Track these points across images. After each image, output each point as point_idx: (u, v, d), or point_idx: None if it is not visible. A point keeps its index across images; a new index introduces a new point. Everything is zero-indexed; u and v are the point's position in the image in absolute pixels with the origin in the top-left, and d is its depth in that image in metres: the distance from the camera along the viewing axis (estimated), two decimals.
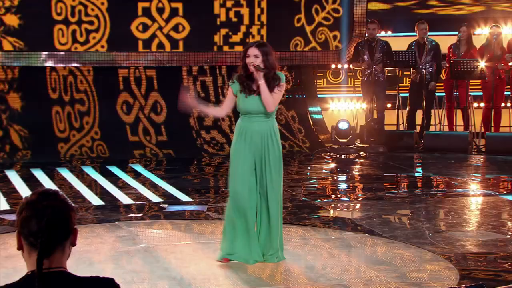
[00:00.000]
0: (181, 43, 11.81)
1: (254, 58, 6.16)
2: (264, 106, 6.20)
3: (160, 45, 11.73)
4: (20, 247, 2.59)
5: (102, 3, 11.42)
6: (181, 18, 11.75)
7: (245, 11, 12.01)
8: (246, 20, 12.04)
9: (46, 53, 11.38)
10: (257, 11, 12.03)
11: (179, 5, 11.72)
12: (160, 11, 11.65)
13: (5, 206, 8.55)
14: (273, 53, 6.27)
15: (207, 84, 12.17)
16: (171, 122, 11.89)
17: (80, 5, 11.33)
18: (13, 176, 10.12)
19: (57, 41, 11.34)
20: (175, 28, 11.77)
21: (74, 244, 2.64)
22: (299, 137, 12.35)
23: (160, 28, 11.70)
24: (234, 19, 11.99)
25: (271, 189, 6.31)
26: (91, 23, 11.41)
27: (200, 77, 12.15)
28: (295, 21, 12.16)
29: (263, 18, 12.07)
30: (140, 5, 11.58)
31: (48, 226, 2.54)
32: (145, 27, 11.65)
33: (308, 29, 12.23)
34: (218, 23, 11.92)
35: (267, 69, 6.17)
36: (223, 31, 11.97)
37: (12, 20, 11.08)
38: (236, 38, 12.03)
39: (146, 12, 11.61)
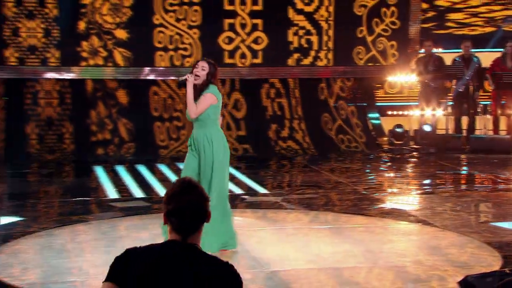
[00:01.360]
0: (260, 53, 11.87)
1: (202, 69, 6.01)
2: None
3: (243, 55, 11.80)
4: (166, 223, 2.76)
5: (195, 33, 11.56)
6: (260, 32, 11.81)
7: (314, 38, 12.02)
8: (315, 45, 12.05)
9: (149, 68, 11.56)
10: (325, 38, 12.02)
11: (259, 21, 11.79)
12: (243, 26, 11.75)
13: (115, 195, 8.73)
14: (216, 73, 6.09)
15: (280, 90, 12.21)
16: (251, 119, 11.96)
17: (177, 35, 11.49)
18: (121, 171, 10.31)
19: (158, 63, 11.51)
20: (255, 41, 11.83)
21: (208, 222, 2.78)
22: (356, 131, 12.30)
23: (243, 40, 11.78)
24: (305, 45, 12.01)
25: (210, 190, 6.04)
26: (185, 49, 11.55)
27: (272, 82, 12.23)
28: (358, 32, 12.10)
29: (330, 44, 12.03)
30: (226, 21, 11.67)
31: (188, 222, 2.73)
32: (230, 40, 11.75)
33: (369, 39, 12.16)
34: (291, 48, 11.96)
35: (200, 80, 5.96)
36: (296, 55, 11.99)
37: (121, 34, 11.30)
38: (306, 61, 12.04)
39: (231, 27, 11.71)
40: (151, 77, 11.57)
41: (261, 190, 9.07)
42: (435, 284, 5.64)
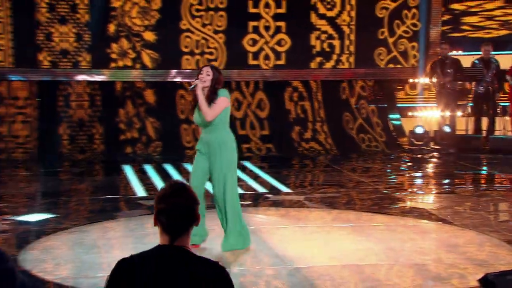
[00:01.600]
0: (283, 55, 11.87)
1: (206, 75, 5.99)
2: (203, 120, 6.01)
3: (266, 57, 11.82)
4: (155, 225, 2.75)
5: (220, 38, 11.60)
6: (284, 35, 11.81)
7: (336, 43, 12.01)
8: (337, 50, 12.03)
9: (176, 71, 11.62)
10: (347, 42, 12.00)
11: (283, 24, 11.78)
12: (267, 28, 11.77)
13: (143, 193, 8.78)
14: (221, 77, 6.05)
15: (303, 93, 12.19)
16: (274, 119, 11.96)
17: (203, 39, 11.54)
18: (149, 169, 10.37)
19: (184, 66, 11.55)
20: (279, 43, 11.84)
21: (196, 225, 2.76)
22: (377, 130, 12.26)
23: (266, 42, 11.79)
24: (327, 49, 11.99)
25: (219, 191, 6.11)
26: (211, 53, 11.59)
27: (295, 86, 12.21)
28: (379, 34, 12.05)
29: (352, 48, 12.01)
30: (251, 24, 11.69)
31: (176, 224, 2.71)
32: (254, 42, 11.77)
33: (390, 40, 12.11)
34: (313, 52, 11.96)
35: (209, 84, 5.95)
36: (318, 59, 11.98)
37: (149, 36, 11.38)
38: (328, 65, 12.02)
39: (255, 29, 11.73)
40: (178, 79, 11.62)
41: (284, 189, 9.07)
42: (455, 282, 5.60)
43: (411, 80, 12.90)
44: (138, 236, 6.74)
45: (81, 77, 11.36)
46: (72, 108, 11.38)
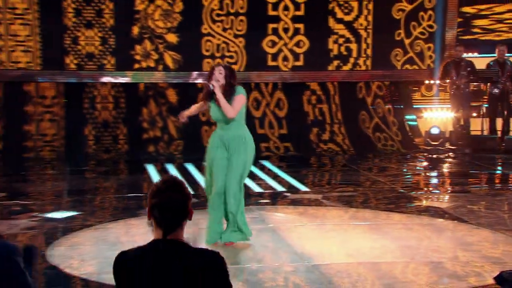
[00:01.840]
0: (301, 56, 11.85)
1: (219, 74, 6.04)
2: (223, 116, 6.04)
3: (285, 58, 11.81)
4: (149, 219, 2.76)
5: (240, 42, 11.61)
6: (302, 36, 11.80)
7: (353, 46, 11.97)
8: (354, 53, 11.98)
9: (197, 72, 11.66)
10: (364, 46, 11.96)
11: (301, 26, 11.76)
12: (286, 30, 11.76)
13: None
14: (234, 74, 6.11)
15: (321, 96, 12.15)
16: (292, 119, 11.94)
17: (224, 43, 11.56)
18: (171, 168, 10.39)
19: (205, 69, 11.58)
20: (297, 44, 11.82)
21: (190, 219, 2.77)
22: (393, 129, 12.20)
23: (285, 44, 11.79)
24: (345, 53, 11.95)
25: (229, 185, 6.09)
26: (231, 57, 11.60)
27: (314, 89, 12.18)
28: (396, 35, 12.00)
29: (369, 51, 11.96)
30: (270, 26, 11.68)
31: (169, 218, 2.71)
32: (273, 44, 11.77)
33: (407, 41, 12.06)
34: (331, 56, 11.92)
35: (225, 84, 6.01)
36: (335, 62, 11.94)
37: (171, 38, 11.43)
38: (345, 68, 11.98)
39: (274, 31, 11.72)
40: (199, 80, 11.64)
41: (302, 187, 9.04)
42: (471, 280, 5.55)
43: (427, 82, 12.82)
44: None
45: (105, 79, 11.42)
46: (97, 110, 11.45)
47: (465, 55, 12.37)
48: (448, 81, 12.19)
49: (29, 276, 2.91)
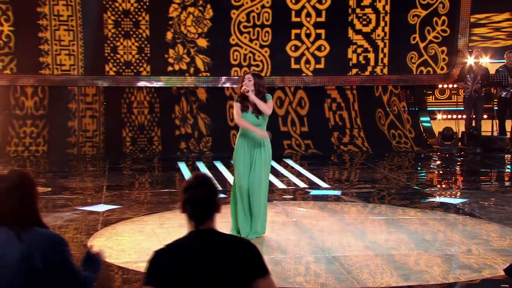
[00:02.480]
0: (322, 60, 11.84)
1: (248, 81, 6.14)
2: (259, 120, 6.15)
3: (307, 61, 11.81)
4: (182, 212, 2.80)
5: (266, 51, 11.63)
6: (323, 41, 11.78)
7: (371, 56, 11.92)
8: (372, 62, 11.94)
9: (225, 77, 11.69)
10: (381, 55, 11.91)
11: (322, 31, 11.76)
12: (308, 35, 11.76)
13: None
14: (263, 82, 6.22)
15: (341, 104, 12.12)
16: (314, 118, 11.92)
17: (250, 53, 11.61)
18: (201, 166, 10.43)
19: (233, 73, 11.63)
20: (319, 48, 11.81)
21: (219, 212, 2.80)
22: (407, 126, 12.13)
23: (307, 48, 11.78)
24: (363, 61, 11.92)
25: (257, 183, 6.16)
26: (257, 66, 11.62)
27: (334, 97, 12.15)
28: (411, 39, 11.93)
29: (385, 60, 11.91)
30: (293, 31, 11.68)
31: (200, 211, 2.75)
32: (296, 48, 11.77)
33: (421, 45, 11.99)
34: (350, 64, 11.88)
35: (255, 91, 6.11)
36: (354, 70, 11.90)
37: (202, 42, 11.50)
38: (363, 75, 11.94)
39: (297, 36, 11.74)
40: (227, 84, 11.67)
41: (323, 184, 9.03)
42: (482, 272, 5.50)
43: (440, 86, 12.71)
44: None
45: (141, 83, 11.52)
46: (134, 114, 11.56)
47: (481, 60, 12.25)
48: (464, 85, 12.05)
49: (73, 261, 2.94)
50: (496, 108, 12.31)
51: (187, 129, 11.57)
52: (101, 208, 7.52)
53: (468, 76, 11.94)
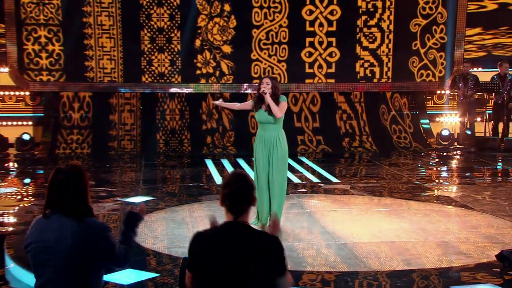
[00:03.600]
0: (333, 65, 11.81)
1: (266, 84, 6.15)
2: (272, 117, 6.11)
3: (320, 66, 11.79)
4: (221, 205, 2.82)
5: (283, 66, 11.63)
6: (334, 48, 11.76)
7: (376, 69, 11.86)
8: (377, 75, 11.87)
9: (247, 84, 11.72)
10: (385, 69, 11.86)
11: (333, 39, 11.72)
12: (320, 43, 11.74)
13: (220, 181, 8.85)
14: (278, 85, 6.24)
15: (351, 114, 12.05)
16: (325, 115, 11.87)
17: (269, 67, 11.62)
18: (225, 163, 10.47)
19: (253, 76, 11.67)
20: (330, 54, 11.79)
21: (254, 205, 2.81)
22: (407, 122, 12.05)
23: (320, 54, 11.77)
24: (369, 75, 11.86)
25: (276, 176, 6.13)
26: (275, 78, 11.60)
27: (344, 109, 12.11)
28: (413, 46, 11.88)
29: (389, 74, 11.86)
30: (307, 39, 11.67)
31: (238, 205, 2.76)
32: (310, 54, 11.77)
33: (422, 51, 11.93)
34: (358, 77, 11.84)
35: (272, 93, 6.10)
36: (361, 82, 11.85)
37: (227, 49, 11.54)
38: (370, 83, 11.89)
39: (311, 44, 11.72)
40: (248, 91, 11.69)
41: (334, 179, 9.00)
42: (476, 257, 5.45)
43: (438, 92, 12.61)
44: (218, 215, 6.79)
45: (173, 89, 11.62)
46: (167, 120, 11.67)
47: (475, 69, 12.14)
48: (456, 91, 12.01)
49: (117, 244, 2.99)
50: (490, 112, 12.20)
51: (213, 124, 11.67)
52: (137, 199, 7.57)
53: (460, 84, 11.87)
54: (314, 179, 8.99)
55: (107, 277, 4.85)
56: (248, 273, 2.65)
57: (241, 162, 10.42)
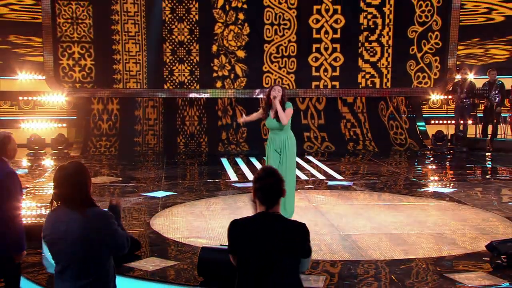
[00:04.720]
0: (338, 69, 11.78)
1: (278, 92, 6.13)
2: (280, 123, 6.08)
3: (325, 69, 11.78)
4: (254, 198, 2.82)
5: (292, 77, 11.63)
6: (338, 53, 11.74)
7: (377, 80, 11.82)
8: (377, 85, 11.82)
9: (258, 89, 11.73)
10: (385, 80, 11.82)
11: (338, 45, 11.69)
12: (326, 49, 11.73)
13: (235, 178, 8.87)
14: (286, 93, 6.22)
15: (354, 123, 12.01)
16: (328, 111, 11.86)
17: (279, 78, 11.63)
18: (239, 161, 10.46)
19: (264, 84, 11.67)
20: (335, 59, 11.77)
21: (283, 197, 2.82)
22: (403, 118, 11.98)
23: (326, 59, 11.75)
24: (370, 85, 11.82)
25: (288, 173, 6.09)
26: (284, 88, 11.59)
27: (348, 118, 12.08)
28: (410, 50, 11.83)
29: (388, 84, 11.83)
30: (314, 46, 11.65)
31: (270, 197, 2.78)
32: (316, 59, 11.75)
33: (418, 55, 11.88)
34: (360, 87, 11.81)
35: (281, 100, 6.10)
36: (364, 91, 11.83)
37: (241, 53, 11.56)
38: (371, 89, 11.85)
39: (317, 49, 11.71)
40: (260, 95, 11.70)
41: (338, 176, 8.97)
42: (467, 247, 5.40)
43: (433, 97, 12.53)
44: (233, 208, 6.82)
45: (192, 95, 11.66)
46: (186, 126, 11.73)
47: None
48: (453, 96, 11.93)
49: (119, 229, 2.99)
50: (480, 115, 12.10)
51: (227, 120, 11.70)
52: (160, 194, 7.60)
53: (457, 88, 11.80)
54: (320, 176, 8.96)
55: (132, 264, 4.87)
56: (279, 254, 2.71)
57: (254, 160, 10.41)
